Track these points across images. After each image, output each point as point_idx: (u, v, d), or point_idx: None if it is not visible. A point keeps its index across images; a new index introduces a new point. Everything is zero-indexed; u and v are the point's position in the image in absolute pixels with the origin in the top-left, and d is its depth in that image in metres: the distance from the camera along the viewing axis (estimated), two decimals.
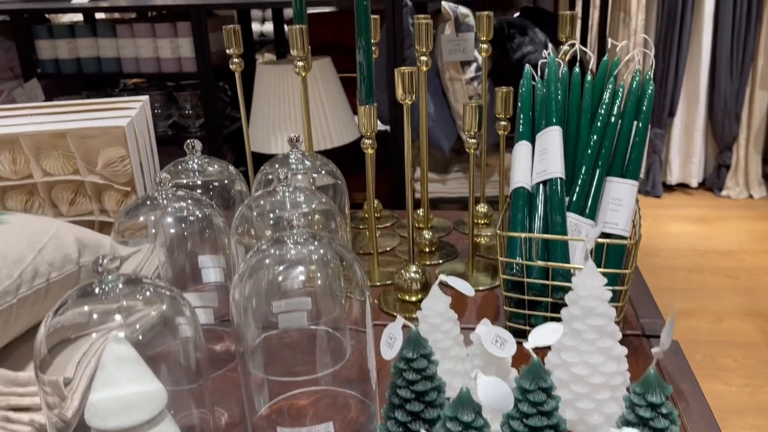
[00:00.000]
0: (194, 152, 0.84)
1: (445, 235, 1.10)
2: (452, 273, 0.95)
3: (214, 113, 2.14)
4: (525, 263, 0.72)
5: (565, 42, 0.95)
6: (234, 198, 0.91)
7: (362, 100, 0.88)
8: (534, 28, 1.94)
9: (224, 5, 2.09)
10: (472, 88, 1.98)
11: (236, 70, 1.00)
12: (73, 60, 2.16)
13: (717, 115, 3.66)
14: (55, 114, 1.07)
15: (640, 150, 0.80)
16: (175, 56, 2.13)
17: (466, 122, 0.86)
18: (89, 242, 0.78)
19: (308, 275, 0.60)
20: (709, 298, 2.71)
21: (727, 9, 3.47)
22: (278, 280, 0.59)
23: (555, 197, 0.76)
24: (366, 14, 0.85)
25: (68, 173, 1.01)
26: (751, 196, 3.74)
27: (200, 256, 0.83)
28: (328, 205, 0.77)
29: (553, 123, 0.80)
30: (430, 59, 0.95)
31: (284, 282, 0.60)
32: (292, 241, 0.59)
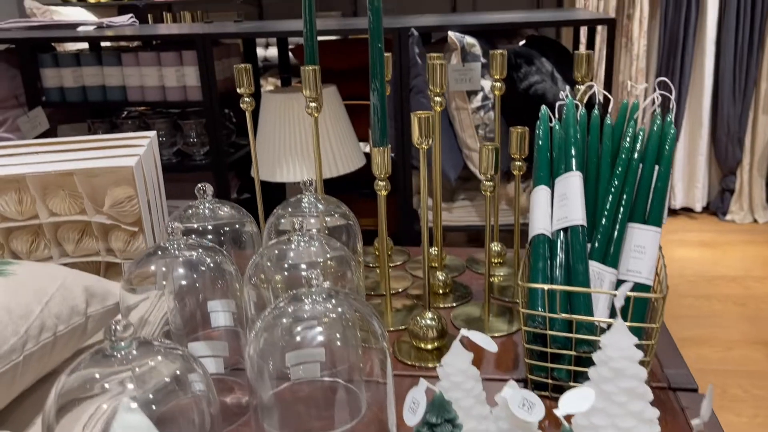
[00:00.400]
0: (205, 196, 0.82)
1: (458, 275, 1.08)
2: (467, 318, 0.93)
3: (219, 141, 2.13)
4: (548, 315, 0.70)
5: (581, 82, 0.94)
6: (245, 240, 0.89)
7: (376, 142, 0.86)
8: (540, 57, 1.93)
9: (230, 34, 2.09)
10: (479, 118, 1.97)
11: (247, 110, 0.99)
12: (78, 88, 2.15)
13: (720, 140, 3.66)
14: (62, 152, 1.06)
15: (663, 195, 0.78)
16: (180, 84, 2.12)
17: (482, 164, 0.84)
18: (97, 291, 0.76)
19: (327, 335, 0.57)
20: (717, 326, 2.68)
21: (729, 33, 3.48)
22: (296, 340, 0.57)
23: (577, 245, 0.74)
24: (380, 56, 0.83)
25: (75, 213, 0.99)
26: (755, 220, 3.72)
27: (210, 301, 0.81)
28: (343, 251, 0.75)
29: (573, 168, 0.79)
30: (444, 100, 0.94)
31: (301, 340, 0.58)
32: (311, 300, 0.57)
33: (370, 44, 0.83)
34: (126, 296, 0.76)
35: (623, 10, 3.66)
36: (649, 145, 0.79)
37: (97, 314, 0.76)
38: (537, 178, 0.82)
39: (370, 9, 0.82)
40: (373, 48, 0.83)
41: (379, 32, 0.82)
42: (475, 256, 1.14)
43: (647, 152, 0.79)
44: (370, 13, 0.82)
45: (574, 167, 0.79)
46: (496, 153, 0.84)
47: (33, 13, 3.15)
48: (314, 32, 1.00)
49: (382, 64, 0.83)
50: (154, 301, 0.83)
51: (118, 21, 2.56)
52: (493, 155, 0.84)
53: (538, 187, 0.81)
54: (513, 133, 0.92)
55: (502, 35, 2.21)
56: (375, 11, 0.82)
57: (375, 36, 0.82)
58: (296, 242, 0.70)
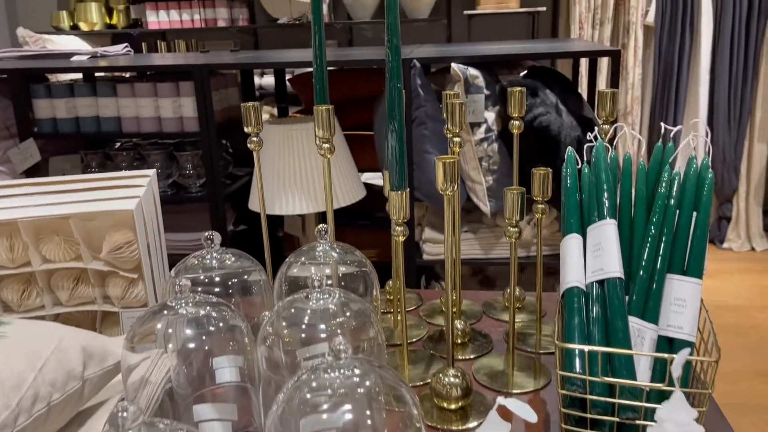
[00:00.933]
0: (213, 246, 0.77)
1: (476, 321, 1.02)
2: (490, 372, 0.87)
3: (216, 173, 2.08)
4: (588, 378, 0.65)
5: (606, 121, 0.90)
6: (254, 290, 0.84)
7: (395, 185, 0.81)
8: (545, 89, 1.90)
9: (228, 65, 2.05)
10: (482, 149, 1.93)
11: (255, 149, 0.94)
12: (71, 119, 2.09)
13: (716, 168, 3.65)
14: (56, 193, 1.00)
15: (702, 244, 0.73)
16: (177, 115, 2.07)
17: (507, 209, 0.80)
18: (95, 351, 0.70)
19: (355, 413, 0.52)
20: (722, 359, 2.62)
21: (724, 62, 3.49)
22: (321, 418, 0.51)
23: (615, 300, 0.69)
24: (399, 96, 0.79)
25: (70, 260, 0.93)
26: (753, 248, 3.70)
27: (215, 358, 0.75)
28: (363, 307, 0.69)
29: (607, 216, 0.74)
30: (462, 139, 0.89)
31: (327, 419, 0.52)
32: (337, 374, 0.51)
33: (388, 83, 0.79)
34: (128, 356, 0.69)
35: (618, 39, 3.68)
36: (686, 191, 0.75)
37: (95, 377, 0.69)
38: (567, 226, 0.78)
39: (389, 47, 0.78)
40: (391, 88, 0.78)
41: (398, 71, 0.78)
42: (491, 300, 1.09)
43: (684, 198, 0.75)
44: (388, 51, 0.78)
45: (607, 215, 0.74)
46: (522, 197, 0.79)
47: (26, 42, 3.11)
48: (324, 71, 0.96)
49: (401, 105, 0.78)
50: (155, 359, 0.77)
51: (112, 50, 2.51)
52: (519, 199, 0.79)
53: (569, 236, 0.77)
54: (535, 174, 0.87)
55: (503, 66, 2.19)
56: (394, 49, 0.78)
57: (394, 75, 0.78)
58: (315, 300, 0.65)
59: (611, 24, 3.65)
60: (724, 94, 3.54)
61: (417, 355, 0.92)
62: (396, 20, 0.77)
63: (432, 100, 1.95)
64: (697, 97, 3.58)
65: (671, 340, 0.71)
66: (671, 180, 0.76)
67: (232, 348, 0.69)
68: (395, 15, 0.77)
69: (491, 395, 0.82)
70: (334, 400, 0.51)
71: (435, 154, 1.95)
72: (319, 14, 0.96)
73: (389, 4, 0.77)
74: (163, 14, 3.86)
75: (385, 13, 0.78)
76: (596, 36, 3.66)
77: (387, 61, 0.79)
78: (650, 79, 3.66)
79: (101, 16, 3.96)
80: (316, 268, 0.78)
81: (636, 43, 3.59)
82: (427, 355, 0.93)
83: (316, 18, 0.96)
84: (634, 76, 3.63)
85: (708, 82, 3.56)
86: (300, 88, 2.55)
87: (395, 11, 0.77)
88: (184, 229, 2.23)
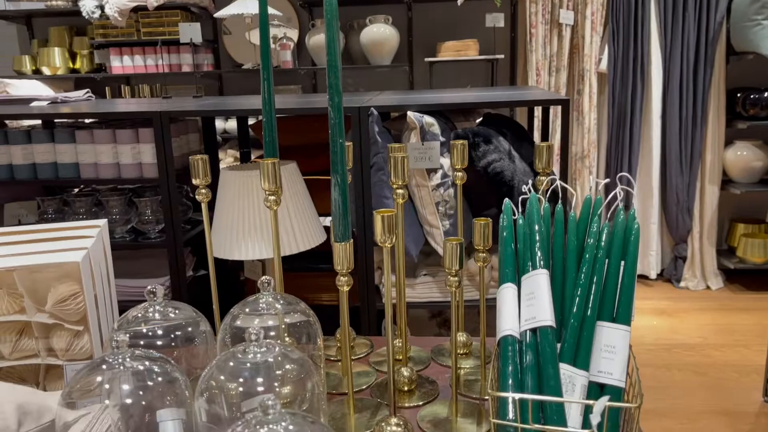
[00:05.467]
0: (155, 299, 0.77)
1: (424, 368, 1.04)
2: (434, 419, 0.89)
3: (175, 218, 2.08)
4: (520, 426, 0.67)
5: (542, 173, 0.94)
6: (198, 341, 0.84)
7: (338, 237, 0.83)
8: (498, 136, 1.97)
9: (188, 112, 2.07)
10: (439, 194, 1.98)
11: (203, 201, 0.95)
12: (28, 165, 2.08)
13: (670, 209, 3.77)
14: (1, 245, 1.00)
15: (630, 292, 0.77)
16: (136, 161, 2.07)
17: (446, 260, 0.82)
18: (31, 408, 0.70)
19: None
20: (680, 398, 2.67)
21: (674, 108, 3.65)
22: None
23: (547, 348, 0.72)
24: (342, 152, 0.82)
25: (13, 312, 0.92)
26: (708, 287, 3.80)
27: (158, 410, 0.75)
28: (302, 362, 0.70)
29: (539, 265, 0.77)
30: (406, 192, 0.92)
31: None
32: (269, 428, 0.52)
33: (331, 139, 0.82)
34: (64, 413, 0.69)
35: (574, 85, 3.81)
36: (614, 241, 0.79)
37: None
38: (503, 275, 0.81)
39: (331, 106, 0.81)
40: (333, 143, 0.81)
41: (341, 128, 0.81)
42: (440, 346, 1.11)
43: (612, 248, 0.78)
44: (330, 110, 0.81)
45: (539, 265, 0.77)
46: (461, 248, 0.82)
47: None
48: (274, 123, 0.99)
49: (343, 160, 0.81)
50: (97, 414, 0.77)
51: (73, 96, 2.52)
52: (458, 250, 0.82)
53: (504, 285, 0.79)
54: (476, 224, 0.90)
55: (459, 113, 2.26)
56: (336, 108, 0.81)
57: (336, 132, 0.81)
58: (253, 353, 0.66)
59: (567, 71, 3.79)
60: (675, 137, 3.68)
61: (363, 404, 0.93)
62: (337, 80, 0.81)
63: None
64: (650, 140, 3.72)
65: (602, 386, 0.73)
66: (600, 231, 0.79)
67: (170, 401, 0.69)
68: (336, 74, 0.81)
69: None
70: None
71: (393, 199, 1.99)
72: (268, 67, 1.00)
73: (330, 62, 0.81)
74: (127, 59, 3.88)
75: (326, 73, 0.82)
76: (553, 82, 3.79)
77: (330, 118, 0.82)
78: (606, 123, 3.79)
79: (64, 61, 3.97)
80: (258, 319, 0.79)
81: (591, 89, 3.73)
82: (374, 403, 0.94)
83: (265, 73, 0.99)
84: (590, 120, 3.76)
85: (660, 126, 3.70)
86: (261, 134, 2.58)
87: (336, 70, 0.81)
88: (143, 275, 2.21)
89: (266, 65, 0.99)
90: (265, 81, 0.99)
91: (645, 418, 2.61)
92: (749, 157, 3.69)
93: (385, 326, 0.78)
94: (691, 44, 3.58)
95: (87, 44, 3.98)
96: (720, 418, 2.53)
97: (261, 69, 0.99)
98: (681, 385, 2.78)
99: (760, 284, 3.76)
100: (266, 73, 0.99)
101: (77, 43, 4.03)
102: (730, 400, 2.64)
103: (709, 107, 3.65)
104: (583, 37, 3.69)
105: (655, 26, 3.62)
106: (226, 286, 2.58)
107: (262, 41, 0.99)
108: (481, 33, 3.88)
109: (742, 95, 3.63)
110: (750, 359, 2.97)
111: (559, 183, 0.86)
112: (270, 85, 0.99)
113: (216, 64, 4.08)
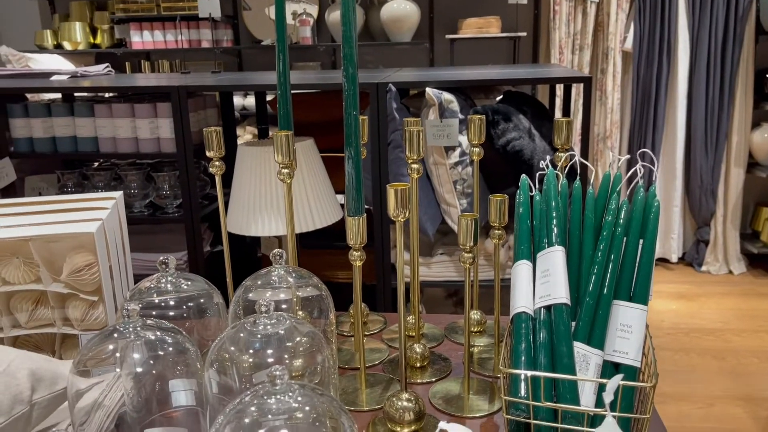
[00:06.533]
0: (167, 270, 0.77)
1: (437, 345, 1.03)
2: (446, 396, 0.88)
3: (193, 194, 2.08)
4: (532, 404, 0.66)
5: (561, 149, 0.92)
6: (211, 313, 0.84)
7: (351, 211, 0.83)
8: (518, 114, 1.94)
9: (206, 87, 2.06)
10: (457, 173, 1.96)
11: (217, 174, 0.95)
12: (48, 139, 2.10)
13: (694, 192, 3.70)
14: (18, 215, 1.00)
15: (648, 271, 0.75)
16: (154, 136, 2.08)
17: (461, 236, 0.81)
18: (45, 375, 0.70)
19: None
20: (698, 382, 2.65)
21: (700, 88, 3.56)
22: None
23: (561, 326, 0.70)
24: (356, 124, 0.80)
25: (29, 282, 0.93)
26: (730, 271, 3.74)
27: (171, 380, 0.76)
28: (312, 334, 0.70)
29: (555, 243, 0.76)
30: (421, 166, 0.91)
31: None
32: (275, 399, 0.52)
33: (345, 111, 0.81)
34: (76, 381, 0.70)
35: (597, 64, 3.74)
36: (633, 219, 0.77)
37: (43, 401, 0.69)
38: (518, 252, 0.79)
39: (345, 77, 0.80)
40: (347, 115, 0.80)
41: (354, 100, 0.80)
42: (454, 324, 1.10)
43: (631, 226, 0.76)
44: (345, 81, 0.80)
45: (556, 242, 0.76)
46: (476, 224, 0.81)
47: (8, 60, 3.11)
48: (288, 96, 0.97)
49: (357, 133, 0.80)
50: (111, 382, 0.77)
51: (93, 70, 2.53)
52: (472, 226, 0.81)
53: (519, 262, 0.78)
54: (492, 201, 0.89)
55: (480, 90, 2.22)
56: (351, 78, 0.79)
57: (350, 104, 0.80)
58: (263, 325, 0.65)
59: (590, 50, 3.71)
60: (701, 118, 3.60)
61: (376, 379, 0.93)
62: (352, 50, 0.79)
63: None
64: (675, 121, 3.65)
65: (617, 365, 0.72)
66: (619, 208, 0.77)
67: (180, 372, 0.69)
68: (351, 45, 0.79)
69: (446, 419, 0.83)
70: (270, 425, 0.52)
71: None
72: (283, 40, 0.98)
73: (345, 35, 0.79)
74: (147, 34, 3.88)
75: (341, 44, 0.80)
76: (576, 61, 3.72)
77: (344, 90, 0.80)
78: (629, 103, 3.72)
79: (85, 36, 3.98)
80: (271, 292, 0.78)
81: (615, 68, 3.66)
82: (385, 378, 0.93)
83: (280, 45, 0.98)
84: (613, 100, 3.69)
85: (685, 107, 3.62)
86: None
87: (351, 42, 0.79)
88: (160, 249, 2.23)
89: (281, 37, 0.97)
90: (281, 53, 0.97)
91: (662, 401, 2.58)
92: None
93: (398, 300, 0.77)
94: (720, 23, 3.48)
95: (108, 19, 3.99)
96: (738, 403, 2.50)
97: (276, 41, 0.98)
98: (699, 369, 2.75)
99: None
100: (281, 44, 0.97)
101: (98, 18, 4.03)
102: (750, 385, 2.61)
103: (736, 88, 3.56)
104: (608, 14, 3.61)
105: (683, 3, 3.52)
106: (244, 262, 2.59)
107: (278, 11, 0.98)
108: (504, 10, 3.81)
109: None
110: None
111: (578, 159, 0.84)
112: (285, 57, 0.98)
113: (235, 40, 4.06)
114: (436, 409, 0.85)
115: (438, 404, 0.86)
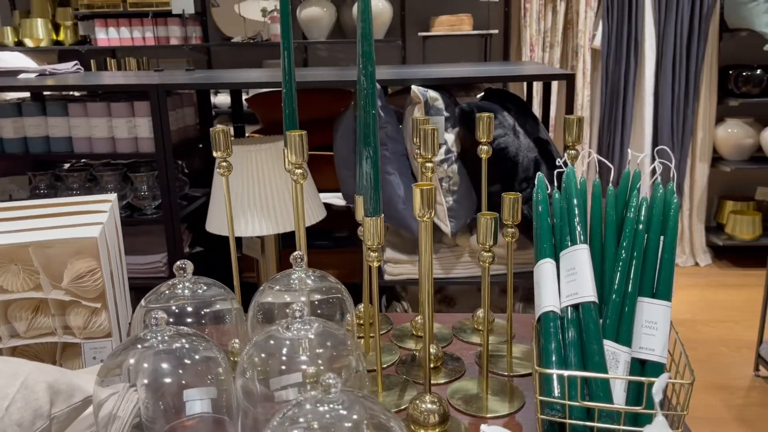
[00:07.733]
0: (185, 275, 0.75)
1: (447, 344, 1.03)
2: (465, 396, 0.87)
3: (172, 194, 2.03)
4: (568, 403, 0.66)
5: (572, 146, 0.92)
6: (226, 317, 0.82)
7: (369, 212, 0.81)
8: (502, 111, 1.94)
9: (186, 85, 2.01)
10: (442, 170, 1.96)
11: (224, 175, 0.92)
12: (19, 139, 2.01)
13: None
14: (14, 219, 0.96)
15: (670, 267, 0.76)
16: (132, 136, 2.02)
17: (480, 235, 0.80)
18: (62, 387, 0.67)
19: None
20: None
21: (667, 85, 3.65)
22: None
23: (591, 324, 0.70)
24: (374, 124, 0.79)
25: (28, 289, 0.89)
26: (697, 263, 3.85)
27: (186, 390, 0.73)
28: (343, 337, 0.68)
29: (579, 241, 0.76)
30: (435, 165, 0.90)
31: None
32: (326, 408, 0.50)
33: (363, 110, 0.79)
34: (98, 390, 0.67)
35: (567, 62, 3.79)
36: (653, 215, 0.77)
37: (62, 414, 0.66)
38: (540, 251, 0.79)
39: (364, 74, 0.78)
40: (366, 114, 0.79)
41: (373, 99, 0.78)
42: (460, 323, 1.10)
43: (652, 222, 0.77)
44: (363, 78, 0.78)
45: (580, 240, 0.76)
46: (496, 223, 0.80)
47: None
48: (294, 95, 0.95)
49: (375, 132, 0.79)
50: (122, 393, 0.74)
51: (62, 68, 2.44)
52: (492, 225, 0.80)
53: (543, 261, 0.78)
54: (505, 198, 0.88)
55: (460, 88, 2.23)
56: (369, 77, 0.78)
57: (369, 102, 0.78)
58: (295, 330, 0.64)
59: (561, 47, 3.76)
60: (667, 114, 3.69)
61: (391, 381, 0.92)
62: (371, 48, 0.78)
63: (392, 121, 1.96)
64: (643, 118, 3.72)
65: (643, 362, 0.73)
66: (639, 205, 0.78)
67: (209, 380, 0.67)
68: (370, 43, 0.78)
69: (467, 420, 0.82)
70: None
71: (395, 175, 1.97)
72: (288, 38, 0.96)
73: (364, 32, 0.78)
74: (113, 31, 3.78)
75: (358, 42, 0.79)
76: (546, 58, 3.77)
77: (361, 88, 0.79)
78: (598, 100, 3.78)
79: (47, 32, 3.85)
80: (291, 296, 0.77)
81: (584, 65, 3.72)
82: (400, 380, 0.92)
83: (285, 43, 0.96)
84: (582, 97, 3.75)
85: (652, 103, 3.71)
86: (257, 108, 2.53)
87: (370, 39, 0.78)
88: (138, 251, 2.17)
89: (287, 35, 0.95)
90: (286, 50, 0.95)
91: None
92: (740, 134, 3.71)
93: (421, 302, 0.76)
94: (685, 20, 3.57)
95: (71, 15, 3.86)
96: (713, 392, 2.57)
97: (281, 40, 0.96)
98: None
99: (748, 261, 3.81)
100: (286, 43, 0.95)
101: (60, 14, 3.91)
102: (722, 374, 2.69)
103: (701, 84, 3.66)
104: (578, 12, 3.67)
105: (649, 1, 3.60)
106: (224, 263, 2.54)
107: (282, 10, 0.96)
108: (475, 8, 3.83)
109: (734, 72, 3.64)
110: (740, 335, 3.01)
111: (596, 157, 0.84)
112: (290, 55, 0.96)
113: (204, 37, 3.99)
114: (456, 410, 0.85)
115: (458, 405, 0.85)
